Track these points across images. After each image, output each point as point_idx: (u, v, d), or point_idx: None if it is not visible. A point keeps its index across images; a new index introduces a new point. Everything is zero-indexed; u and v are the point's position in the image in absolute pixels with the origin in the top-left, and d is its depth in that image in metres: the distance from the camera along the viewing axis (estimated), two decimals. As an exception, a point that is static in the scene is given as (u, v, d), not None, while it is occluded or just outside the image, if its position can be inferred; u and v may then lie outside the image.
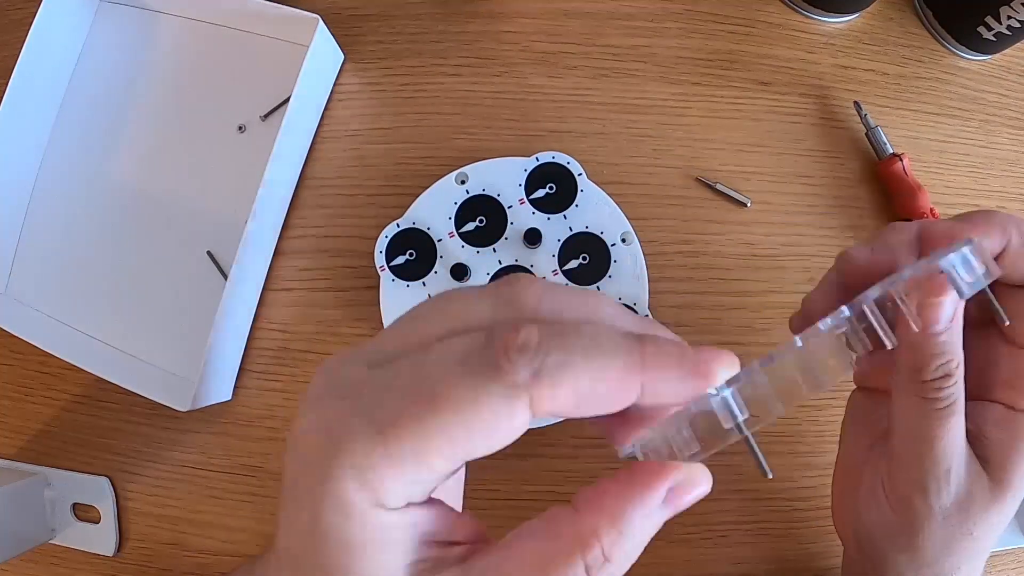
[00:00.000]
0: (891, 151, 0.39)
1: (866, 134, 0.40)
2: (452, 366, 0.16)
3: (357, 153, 0.40)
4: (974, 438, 0.24)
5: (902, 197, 0.39)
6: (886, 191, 0.40)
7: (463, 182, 0.37)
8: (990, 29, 0.40)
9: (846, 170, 0.41)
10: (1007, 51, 0.42)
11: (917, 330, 0.22)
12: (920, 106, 0.42)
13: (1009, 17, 0.38)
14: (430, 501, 0.18)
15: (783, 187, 0.40)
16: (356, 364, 0.18)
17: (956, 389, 0.23)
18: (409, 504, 0.17)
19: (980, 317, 0.26)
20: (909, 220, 0.39)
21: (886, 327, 0.19)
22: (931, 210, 0.38)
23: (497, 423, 0.16)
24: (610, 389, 0.17)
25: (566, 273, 0.36)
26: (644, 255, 0.37)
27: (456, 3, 0.42)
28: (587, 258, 0.36)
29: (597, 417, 0.18)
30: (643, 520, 0.17)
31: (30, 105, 0.40)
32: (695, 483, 0.18)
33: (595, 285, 0.36)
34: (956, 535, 0.24)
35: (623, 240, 0.37)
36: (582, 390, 0.17)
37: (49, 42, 0.39)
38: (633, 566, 0.17)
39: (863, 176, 0.41)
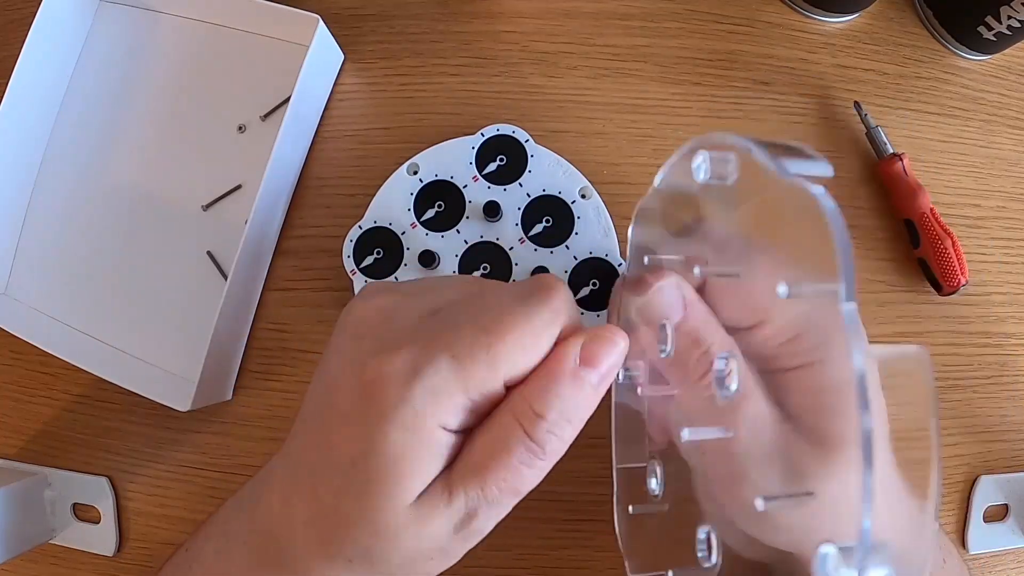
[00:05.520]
0: (891, 151, 0.39)
1: (866, 134, 0.40)
2: (511, 302, 0.20)
3: (357, 153, 0.40)
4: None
5: (902, 197, 0.39)
6: (886, 191, 0.40)
7: (415, 172, 0.37)
8: (990, 29, 0.40)
9: (846, 170, 0.41)
10: (1007, 51, 0.42)
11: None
12: (920, 106, 0.42)
13: (1009, 17, 0.38)
14: (468, 429, 0.21)
15: (783, 187, 0.40)
16: (413, 309, 0.21)
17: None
18: (461, 430, 0.20)
19: None
20: (909, 220, 0.39)
21: None
22: (931, 210, 0.38)
23: (541, 345, 0.20)
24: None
25: (532, 239, 0.36)
26: (606, 206, 0.37)
27: (456, 3, 0.42)
28: (550, 220, 0.37)
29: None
30: (570, 381, 0.20)
31: (30, 105, 0.40)
32: (604, 340, 0.21)
33: (563, 244, 0.36)
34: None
35: (582, 196, 0.37)
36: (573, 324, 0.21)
37: (49, 42, 0.39)
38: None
39: (863, 176, 0.41)
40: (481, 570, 0.36)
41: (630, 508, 0.28)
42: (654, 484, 0.25)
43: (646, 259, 0.27)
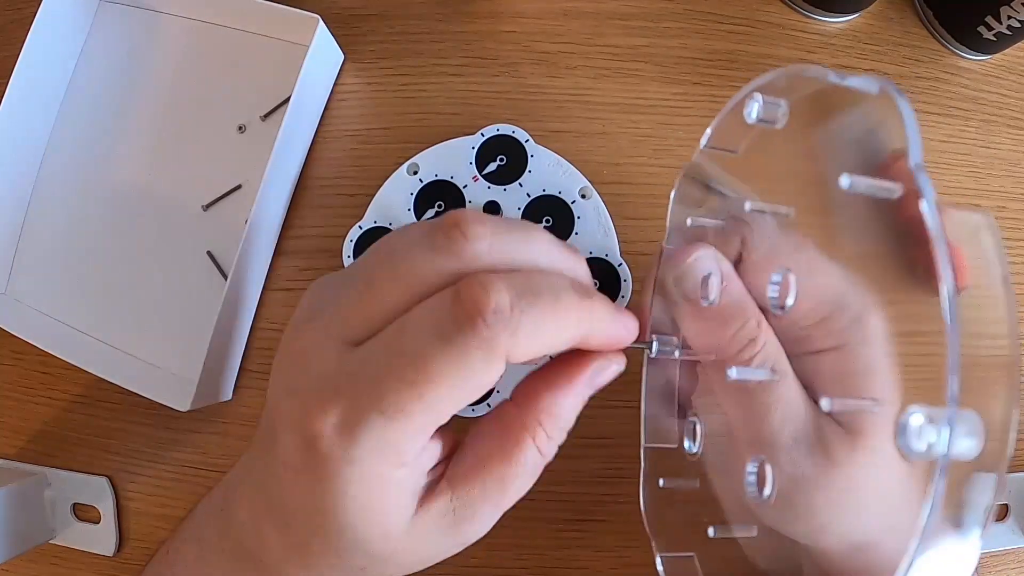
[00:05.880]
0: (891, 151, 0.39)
1: (866, 134, 0.40)
2: (432, 340, 0.18)
3: (357, 153, 0.40)
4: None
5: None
6: (886, 191, 0.40)
7: (415, 172, 0.37)
8: (990, 29, 0.40)
9: (846, 170, 0.41)
10: (1007, 51, 0.42)
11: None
12: (920, 106, 0.42)
13: (1009, 17, 0.38)
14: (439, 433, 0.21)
15: (783, 187, 0.40)
16: (329, 348, 0.20)
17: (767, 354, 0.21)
18: (422, 451, 0.20)
19: None
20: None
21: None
22: (931, 210, 0.38)
23: (482, 379, 0.18)
24: (567, 338, 0.20)
25: None
26: (606, 206, 0.37)
27: (456, 3, 0.42)
28: (550, 220, 0.37)
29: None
30: (572, 403, 0.21)
31: (30, 105, 0.39)
32: (608, 366, 0.21)
33: None
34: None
35: (582, 196, 0.37)
36: (548, 341, 0.19)
37: (49, 42, 0.39)
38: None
39: (863, 176, 0.41)
40: (481, 570, 0.36)
41: (660, 481, 0.27)
42: (691, 445, 0.25)
43: (689, 221, 0.26)
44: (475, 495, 0.21)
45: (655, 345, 0.24)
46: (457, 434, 0.22)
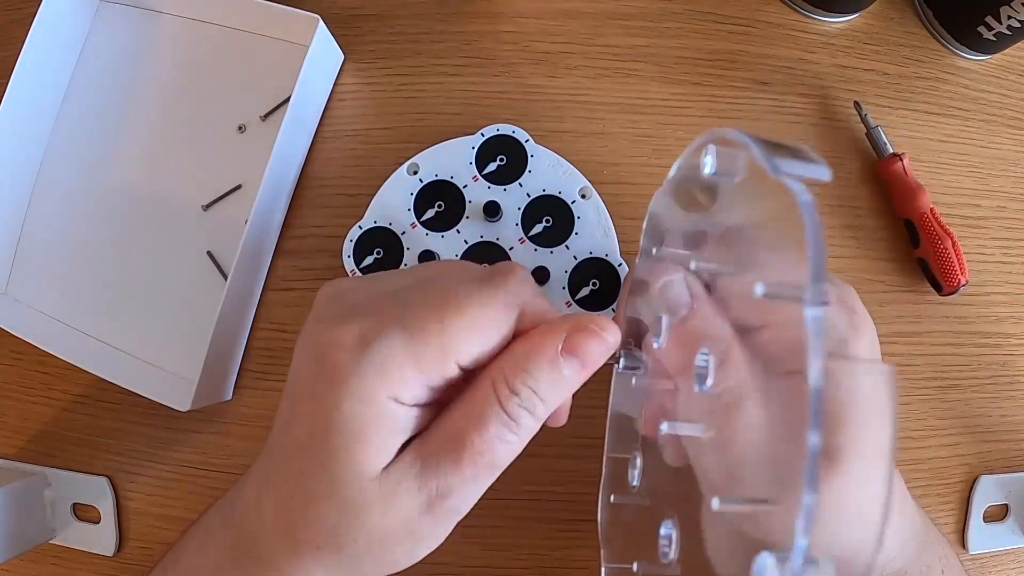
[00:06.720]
0: (891, 151, 0.39)
1: (866, 134, 0.40)
2: (468, 283, 0.21)
3: (357, 153, 0.40)
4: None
5: (902, 197, 0.39)
6: (886, 191, 0.40)
7: (415, 172, 0.37)
8: (990, 29, 0.40)
9: (846, 170, 0.41)
10: (1007, 51, 0.42)
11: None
12: (920, 106, 0.42)
13: (1009, 17, 0.38)
14: (433, 405, 0.21)
15: (783, 187, 0.40)
16: (370, 289, 0.22)
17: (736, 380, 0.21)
18: (417, 404, 0.20)
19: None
20: (909, 220, 0.39)
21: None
22: (931, 210, 0.38)
23: (499, 327, 0.20)
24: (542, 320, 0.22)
25: (532, 239, 0.37)
26: (606, 206, 0.37)
27: (456, 3, 0.42)
28: (550, 220, 0.37)
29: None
30: (547, 365, 0.20)
31: (30, 105, 0.40)
32: (591, 333, 0.21)
33: (563, 244, 0.37)
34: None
35: (582, 196, 0.37)
36: (538, 315, 0.21)
37: (49, 42, 0.39)
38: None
39: (863, 176, 0.41)
40: (481, 570, 0.36)
41: (611, 497, 0.28)
42: (633, 475, 0.26)
43: (654, 251, 0.27)
44: (438, 449, 0.20)
45: (622, 361, 0.25)
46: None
